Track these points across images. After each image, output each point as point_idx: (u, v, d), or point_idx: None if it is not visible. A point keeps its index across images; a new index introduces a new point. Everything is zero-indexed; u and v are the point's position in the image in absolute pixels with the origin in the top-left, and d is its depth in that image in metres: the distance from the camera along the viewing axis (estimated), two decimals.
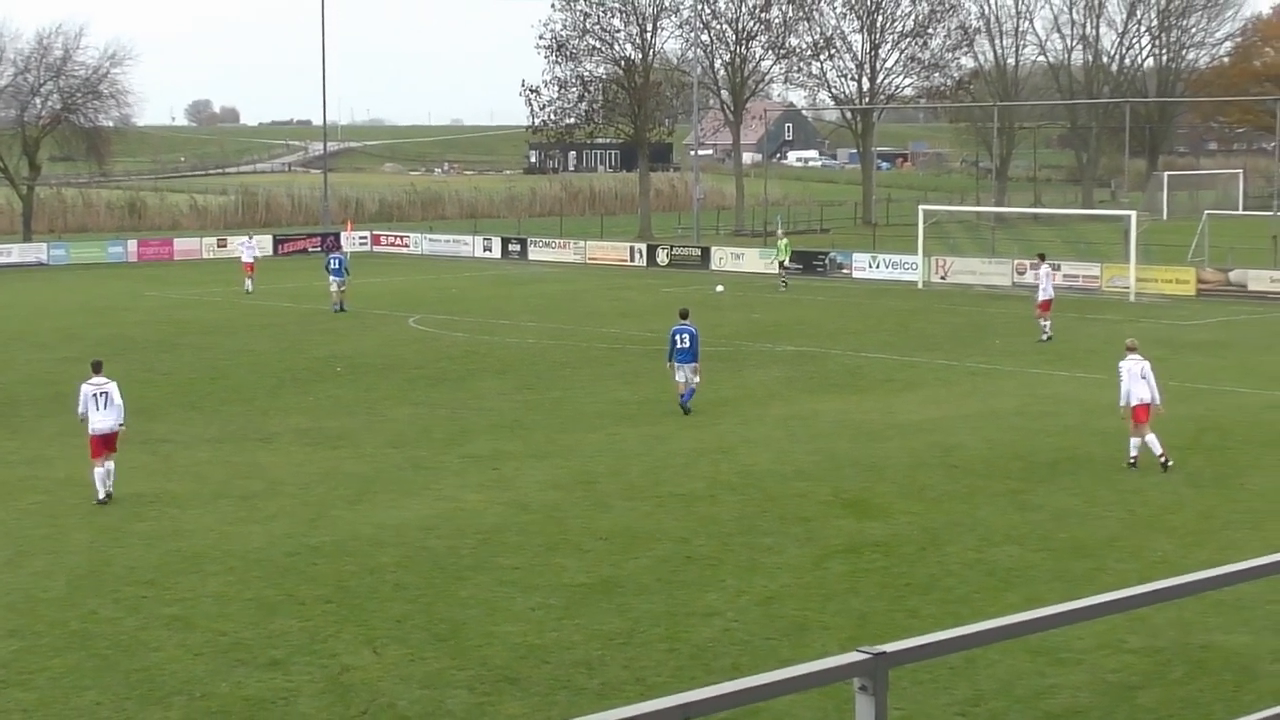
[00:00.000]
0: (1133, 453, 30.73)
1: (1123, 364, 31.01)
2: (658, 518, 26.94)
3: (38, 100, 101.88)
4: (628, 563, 24.00)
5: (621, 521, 26.72)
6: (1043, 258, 55.57)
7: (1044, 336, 51.05)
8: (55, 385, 42.61)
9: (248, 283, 69.74)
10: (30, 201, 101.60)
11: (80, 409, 28.54)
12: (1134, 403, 30.53)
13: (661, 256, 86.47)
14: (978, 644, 6.18)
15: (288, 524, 26.66)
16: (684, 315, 38.33)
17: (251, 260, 71.33)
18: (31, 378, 44.41)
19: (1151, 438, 30.32)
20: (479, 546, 25.06)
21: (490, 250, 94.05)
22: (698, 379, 37.88)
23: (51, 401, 39.86)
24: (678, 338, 37.50)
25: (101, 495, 28.01)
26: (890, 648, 5.74)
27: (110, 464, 28.23)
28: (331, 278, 61.45)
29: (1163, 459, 30.25)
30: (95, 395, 28.23)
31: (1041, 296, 51.75)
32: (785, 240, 76.28)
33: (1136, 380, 30.56)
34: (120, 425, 28.48)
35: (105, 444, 28.19)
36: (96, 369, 28.86)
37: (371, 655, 19.77)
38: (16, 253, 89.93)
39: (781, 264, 73.24)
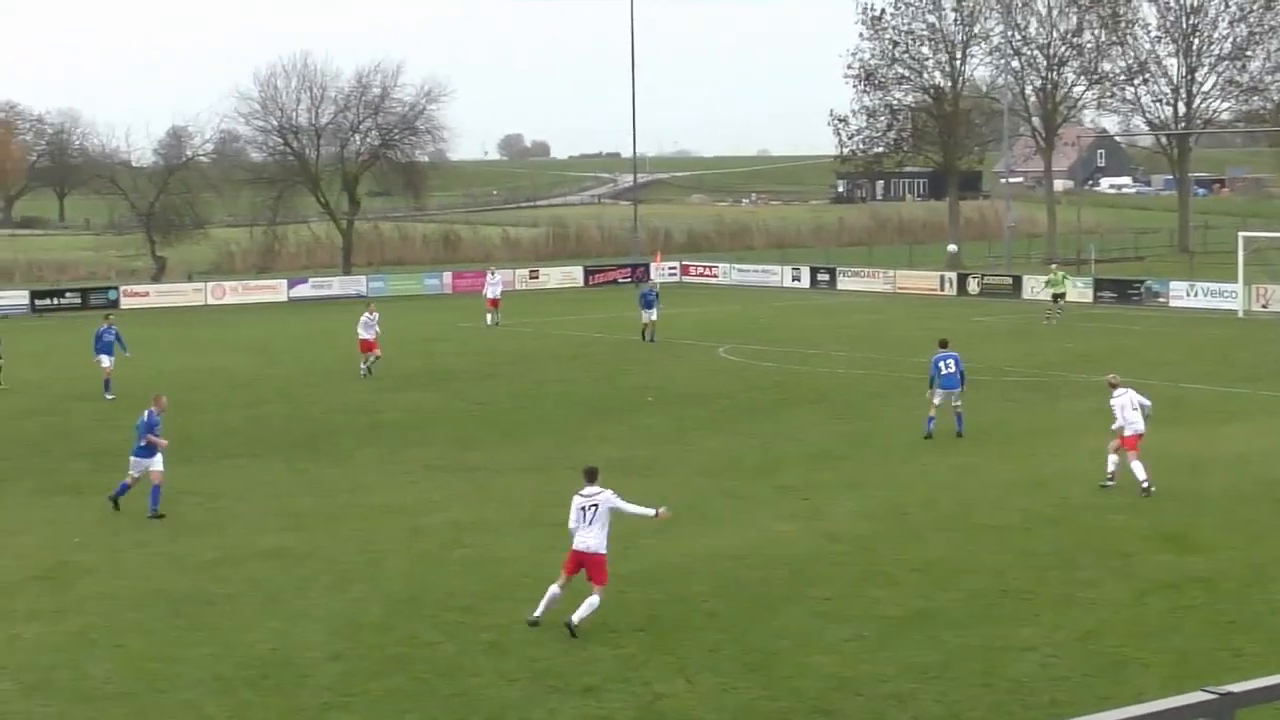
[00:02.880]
0: (1110, 468, 31.66)
1: (1114, 400, 32.07)
2: (971, 550, 26.54)
3: (357, 137, 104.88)
4: (941, 595, 23.67)
5: (934, 553, 26.38)
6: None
7: None
8: (374, 415, 43.65)
9: (489, 317, 69.79)
10: (350, 235, 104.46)
11: (571, 523, 22.75)
12: (1128, 433, 31.53)
13: (972, 285, 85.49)
14: None
15: None
16: (944, 344, 38.70)
17: (496, 296, 71.26)
18: (351, 407, 45.50)
19: (1137, 465, 31.04)
20: (790, 577, 24.94)
21: (799, 280, 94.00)
22: (959, 404, 37.97)
23: (370, 430, 40.82)
24: (941, 364, 37.77)
25: (535, 615, 22.44)
26: (1237, 688, 5.50)
27: (593, 597, 22.22)
28: (643, 310, 61.66)
29: (1147, 485, 30.81)
30: (584, 508, 22.52)
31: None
32: (1062, 273, 74.37)
33: (1130, 411, 31.68)
34: (602, 551, 22.45)
35: (580, 564, 22.50)
36: (590, 477, 22.95)
37: (684, 684, 19.77)
38: (337, 285, 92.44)
39: (1056, 296, 70.72)
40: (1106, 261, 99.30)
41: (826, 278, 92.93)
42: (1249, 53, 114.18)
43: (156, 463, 30.67)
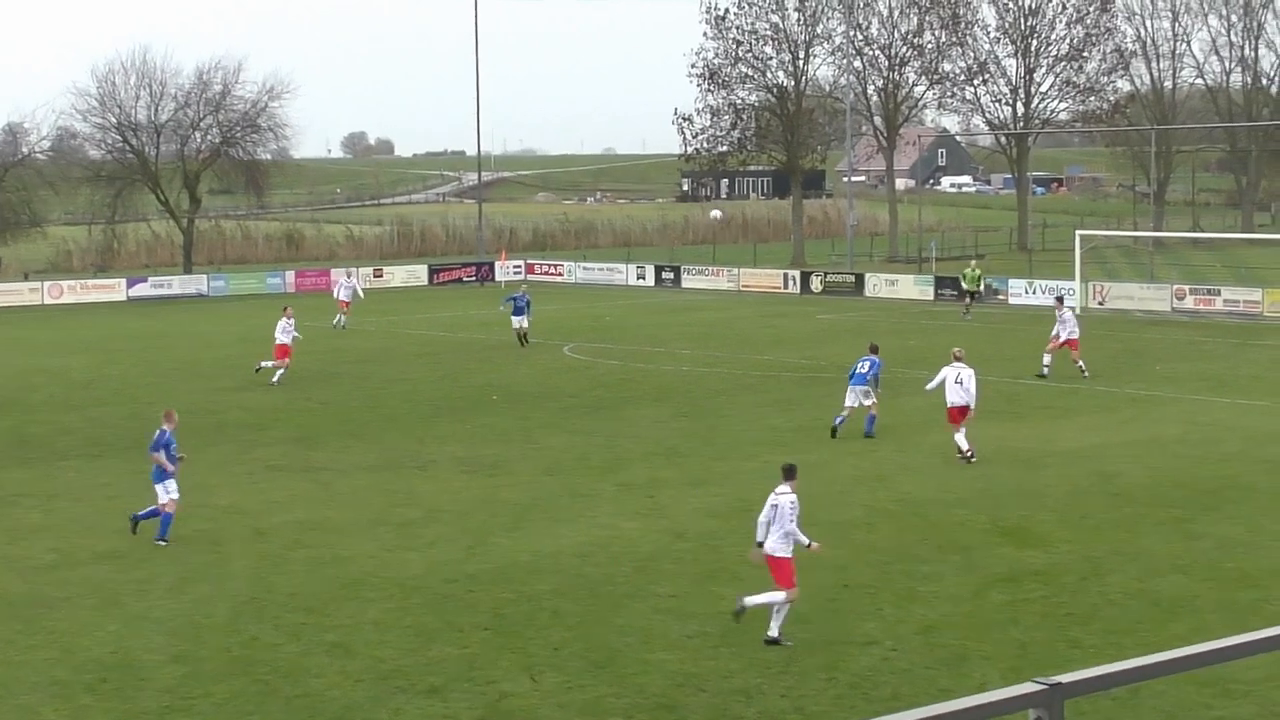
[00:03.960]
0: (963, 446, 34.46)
1: (946, 369, 35.46)
2: None
3: (198, 135, 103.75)
4: None
5: None
6: (1061, 300, 53.51)
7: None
8: (216, 415, 43.22)
9: (340, 318, 67.87)
10: (191, 234, 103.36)
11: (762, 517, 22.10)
12: (949, 405, 34.82)
13: (815, 284, 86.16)
14: (1153, 675, 6.02)
15: (445, 551, 26.79)
16: (873, 349, 39.35)
17: (347, 298, 69.01)
18: (194, 407, 44.91)
19: (960, 436, 34.39)
20: (635, 574, 25.04)
21: (644, 278, 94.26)
22: (869, 401, 38.20)
23: (213, 431, 40.38)
24: (859, 365, 38.51)
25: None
26: (1066, 678, 5.60)
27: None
28: (513, 317, 59.77)
29: (969, 454, 34.18)
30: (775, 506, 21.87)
31: (1065, 336, 48.71)
32: (979, 270, 74.32)
33: (952, 385, 34.89)
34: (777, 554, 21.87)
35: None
36: (788, 474, 22.59)
37: (529, 683, 19.80)
38: (178, 284, 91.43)
39: (971, 293, 71.25)
40: (947, 260, 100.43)
41: (671, 276, 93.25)
42: (1085, 54, 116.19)
43: (171, 489, 27.89)
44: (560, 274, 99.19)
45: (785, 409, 42.85)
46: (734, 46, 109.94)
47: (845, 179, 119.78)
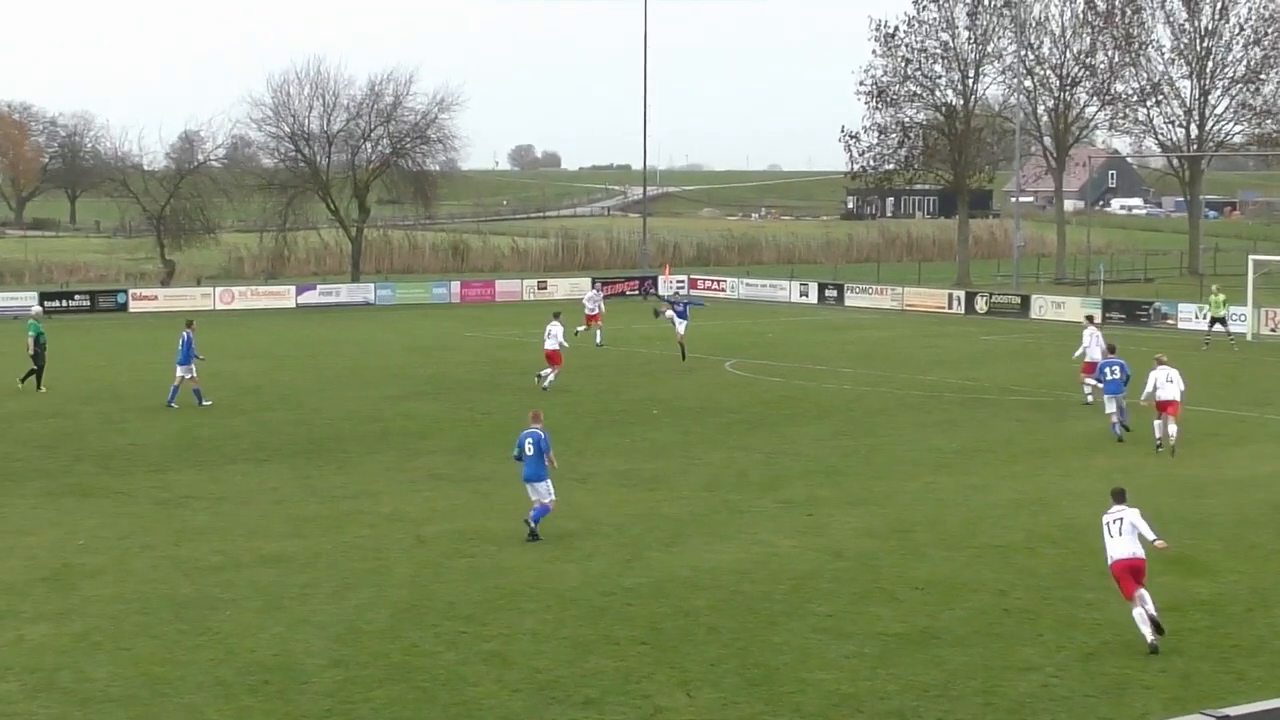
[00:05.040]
0: (1157, 434, 38.88)
1: (1154, 373, 38.80)
2: (975, 569, 26.54)
3: (368, 145, 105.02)
4: (943, 613, 23.67)
5: (938, 571, 26.39)
6: (1090, 319, 51.92)
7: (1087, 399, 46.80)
8: (381, 422, 43.70)
9: (596, 334, 65.35)
10: (359, 243, 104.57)
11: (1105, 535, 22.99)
12: (1162, 399, 38.55)
13: (980, 304, 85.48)
14: None
15: (603, 564, 26.86)
16: (1112, 350, 42.21)
17: (594, 311, 66.50)
18: (358, 414, 45.53)
19: (1172, 426, 38.55)
20: (792, 592, 24.95)
21: (807, 295, 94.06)
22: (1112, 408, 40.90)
23: (378, 439, 40.86)
24: (1108, 370, 40.99)
25: (1150, 641, 22.00)
26: (1234, 711, 5.52)
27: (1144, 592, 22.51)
28: (679, 322, 59.48)
29: (1175, 444, 38.34)
30: (1111, 523, 22.84)
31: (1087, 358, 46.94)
32: (1222, 295, 68.57)
33: (1164, 384, 38.53)
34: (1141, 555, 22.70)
35: (1131, 572, 22.53)
36: (1118, 498, 23.18)
37: (685, 698, 19.78)
38: (345, 293, 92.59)
39: (1216, 319, 67.03)
40: (1116, 283, 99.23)
41: (834, 294, 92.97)
42: (1263, 76, 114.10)
43: (543, 489, 28.94)
44: (723, 289, 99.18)
45: (947, 430, 42.52)
46: (903, 65, 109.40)
47: (1013, 199, 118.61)
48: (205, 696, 19.91)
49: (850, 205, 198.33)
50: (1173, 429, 38.46)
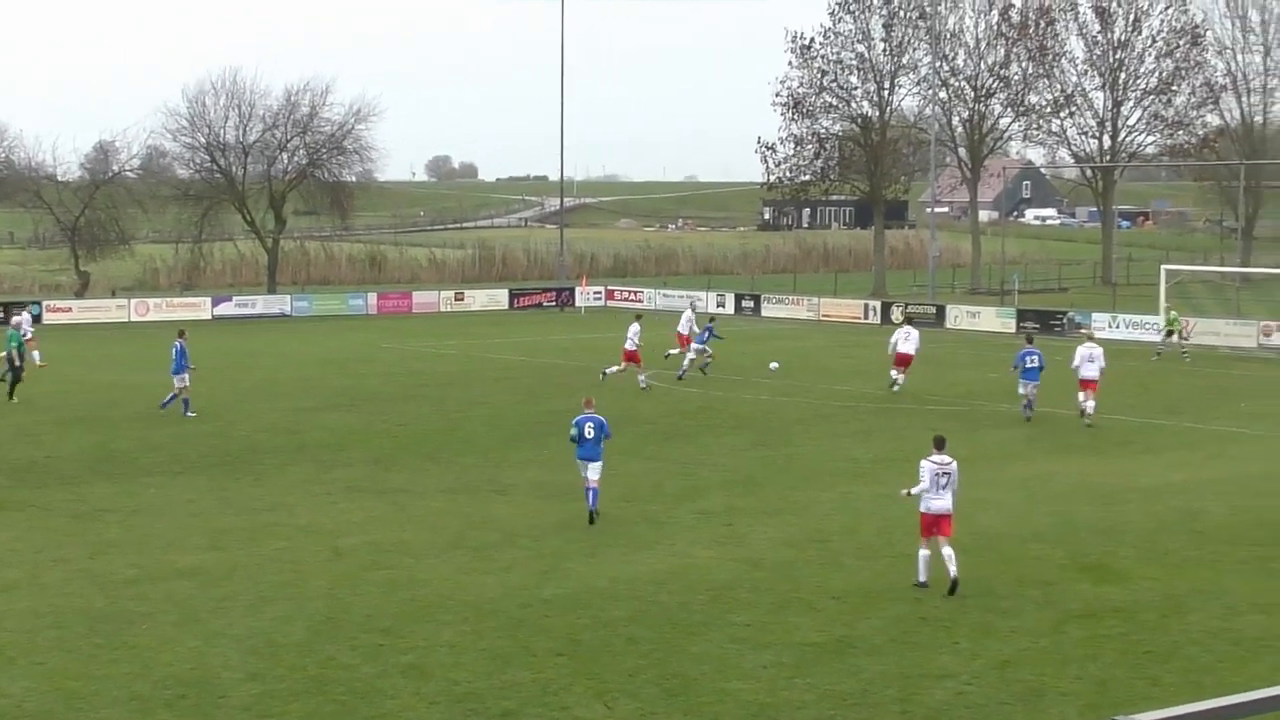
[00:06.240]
0: (1080, 407, 45.00)
1: (1080, 348, 45.44)
2: (891, 577, 26.66)
3: (284, 155, 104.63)
4: (860, 622, 23.77)
5: (854, 580, 26.50)
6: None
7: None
8: (297, 434, 43.51)
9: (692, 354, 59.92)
10: (275, 254, 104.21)
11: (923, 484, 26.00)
12: (1083, 378, 45.34)
13: (896, 314, 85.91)
14: (1233, 716, 5.97)
15: (521, 575, 26.83)
16: (1029, 340, 48.98)
17: (686, 332, 60.82)
18: (274, 426, 45.33)
19: (1090, 403, 44.90)
20: (710, 603, 25.00)
21: (724, 306, 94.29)
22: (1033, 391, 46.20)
23: (294, 451, 40.67)
24: (1027, 359, 45.93)
25: (921, 580, 25.71)
26: (1146, 717, 5.58)
27: (948, 549, 25.57)
28: (696, 345, 58.68)
29: (1088, 419, 44.57)
30: (939, 475, 25.90)
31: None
32: (1174, 313, 69.25)
33: (1086, 363, 45.05)
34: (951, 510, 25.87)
35: (934, 525, 25.78)
36: (939, 445, 26.36)
37: (603, 709, 19.77)
38: (261, 304, 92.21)
39: (1170, 333, 67.64)
40: (1030, 292, 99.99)
41: (751, 304, 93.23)
42: (1174, 87, 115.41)
43: (596, 469, 31.29)
44: (640, 300, 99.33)
45: (863, 439, 42.73)
46: (819, 76, 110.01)
47: (928, 210, 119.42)
48: (121, 711, 19.75)
49: (767, 216, 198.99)
50: (1090, 404, 44.87)
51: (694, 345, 59.08)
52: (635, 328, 54.54)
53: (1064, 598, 25.39)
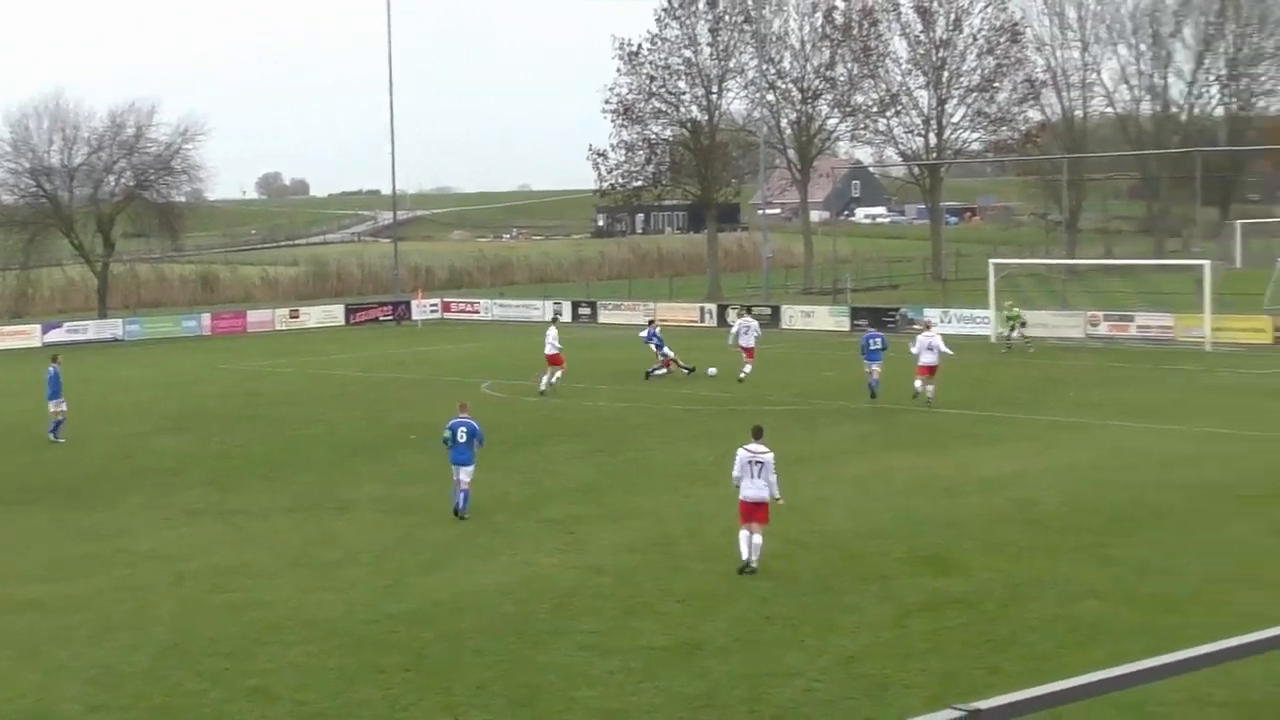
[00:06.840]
0: (916, 390, 48.65)
1: (920, 337, 48.67)
2: (735, 579, 26.81)
3: (111, 178, 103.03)
4: (705, 624, 23.90)
5: (699, 583, 26.62)
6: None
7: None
8: (135, 459, 42.97)
9: (747, 367, 58.50)
10: (105, 278, 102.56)
11: (735, 472, 27.56)
12: (922, 364, 48.08)
13: (732, 316, 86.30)
14: (1070, 700, 6.11)
15: (365, 592, 26.69)
16: (877, 325, 47.97)
17: (750, 344, 59.39)
18: (112, 452, 44.73)
19: (929, 388, 48.18)
20: (555, 611, 25.02)
21: (561, 315, 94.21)
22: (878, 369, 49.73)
23: (132, 476, 40.16)
24: (871, 341, 50.01)
25: (745, 559, 27.06)
26: (983, 705, 5.68)
27: (758, 538, 27.03)
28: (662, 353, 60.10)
29: (930, 400, 48.29)
30: (751, 463, 27.26)
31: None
32: (1016, 309, 68.96)
33: (926, 351, 47.87)
34: (766, 498, 27.15)
35: (751, 511, 27.15)
36: (758, 435, 27.88)
37: None
38: (93, 329, 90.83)
39: (1015, 324, 67.75)
40: (862, 290, 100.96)
41: (588, 311, 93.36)
42: (996, 84, 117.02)
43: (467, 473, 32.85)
44: (477, 311, 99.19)
45: (705, 442, 42.92)
46: (647, 82, 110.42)
47: (760, 212, 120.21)
48: None
49: (601, 223, 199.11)
50: (930, 388, 48.07)
51: (661, 353, 60.33)
52: (553, 331, 56.24)
53: (906, 591, 25.69)
